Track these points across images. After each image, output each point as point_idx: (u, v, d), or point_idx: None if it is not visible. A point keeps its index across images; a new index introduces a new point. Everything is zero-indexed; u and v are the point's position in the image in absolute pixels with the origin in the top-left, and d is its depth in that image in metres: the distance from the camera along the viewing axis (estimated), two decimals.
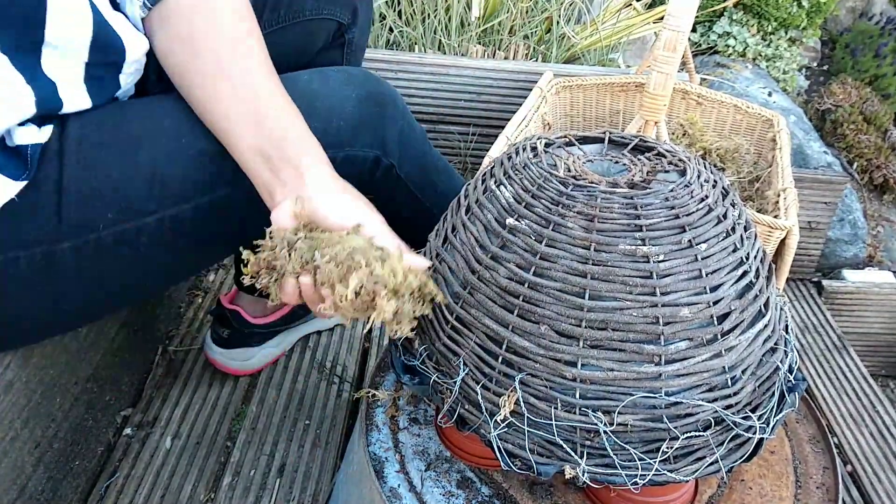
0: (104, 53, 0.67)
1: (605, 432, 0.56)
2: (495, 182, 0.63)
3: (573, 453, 0.57)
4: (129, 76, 0.73)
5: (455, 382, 0.61)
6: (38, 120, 0.65)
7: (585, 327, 0.55)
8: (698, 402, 0.56)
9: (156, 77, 0.86)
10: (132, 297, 0.93)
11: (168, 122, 0.71)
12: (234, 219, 0.75)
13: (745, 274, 0.58)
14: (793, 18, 2.19)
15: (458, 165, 1.72)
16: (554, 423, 0.57)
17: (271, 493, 1.00)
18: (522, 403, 0.57)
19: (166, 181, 0.69)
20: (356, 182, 0.80)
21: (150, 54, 0.85)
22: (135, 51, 0.70)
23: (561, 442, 0.57)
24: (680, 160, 0.64)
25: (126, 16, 0.71)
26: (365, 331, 1.30)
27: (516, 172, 0.62)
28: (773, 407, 0.61)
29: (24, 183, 0.64)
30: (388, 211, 0.84)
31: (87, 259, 0.68)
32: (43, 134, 0.65)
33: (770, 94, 1.99)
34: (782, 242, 1.06)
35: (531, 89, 1.41)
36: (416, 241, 0.71)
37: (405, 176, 0.85)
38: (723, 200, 0.60)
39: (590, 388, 0.56)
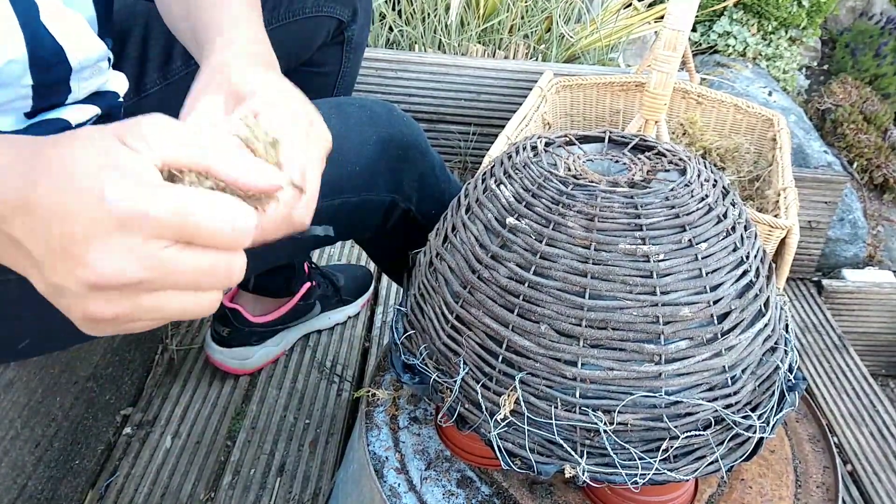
0: (47, 70, 0.61)
1: (605, 431, 0.56)
2: (495, 181, 0.63)
3: (573, 452, 0.57)
4: (83, 79, 0.66)
5: (455, 382, 0.61)
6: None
7: (585, 326, 0.55)
8: (698, 402, 0.56)
9: (157, 75, 0.86)
10: None
11: None
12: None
13: (745, 273, 0.58)
14: (793, 18, 2.19)
15: (458, 165, 1.72)
16: (554, 422, 0.57)
17: (271, 493, 1.00)
18: (522, 403, 0.57)
19: None
20: (369, 224, 0.77)
21: (150, 53, 0.85)
22: (79, 54, 0.63)
23: (561, 441, 0.57)
24: (680, 159, 0.64)
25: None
26: (365, 330, 1.30)
27: (516, 172, 0.62)
28: (773, 406, 0.61)
29: None
30: (398, 246, 0.82)
31: None
32: None
33: (770, 94, 1.99)
34: (782, 242, 1.06)
35: (531, 89, 1.41)
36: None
37: (422, 217, 0.80)
38: (723, 200, 0.60)
39: (590, 388, 0.56)
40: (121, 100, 0.75)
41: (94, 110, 0.69)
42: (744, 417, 0.58)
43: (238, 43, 0.56)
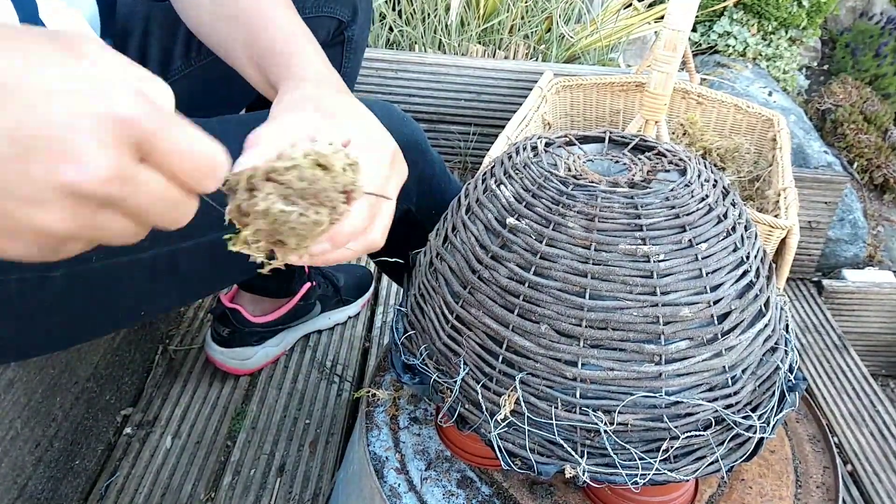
0: None
1: (605, 432, 0.56)
2: (496, 181, 0.63)
3: (573, 453, 0.57)
4: None
5: (455, 382, 0.61)
6: None
7: (586, 327, 0.55)
8: (698, 402, 0.56)
9: (157, 72, 0.86)
10: (121, 325, 0.91)
11: None
12: (231, 257, 0.73)
13: (745, 273, 0.58)
14: (793, 18, 2.19)
15: (458, 165, 1.72)
16: (554, 422, 0.57)
17: (271, 493, 1.00)
18: (523, 403, 0.57)
19: None
20: None
21: (150, 53, 0.85)
22: None
23: (561, 441, 0.57)
24: (680, 160, 0.64)
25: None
26: (365, 330, 1.30)
27: (517, 172, 0.62)
28: (773, 406, 0.61)
29: None
30: (398, 246, 0.82)
31: (79, 287, 0.65)
32: None
33: (770, 94, 1.99)
34: (782, 242, 1.06)
35: (531, 89, 1.41)
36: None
37: (422, 217, 0.81)
38: (723, 200, 0.60)
39: (590, 388, 0.56)
40: None
41: None
42: (744, 418, 0.58)
43: (318, 73, 0.60)
